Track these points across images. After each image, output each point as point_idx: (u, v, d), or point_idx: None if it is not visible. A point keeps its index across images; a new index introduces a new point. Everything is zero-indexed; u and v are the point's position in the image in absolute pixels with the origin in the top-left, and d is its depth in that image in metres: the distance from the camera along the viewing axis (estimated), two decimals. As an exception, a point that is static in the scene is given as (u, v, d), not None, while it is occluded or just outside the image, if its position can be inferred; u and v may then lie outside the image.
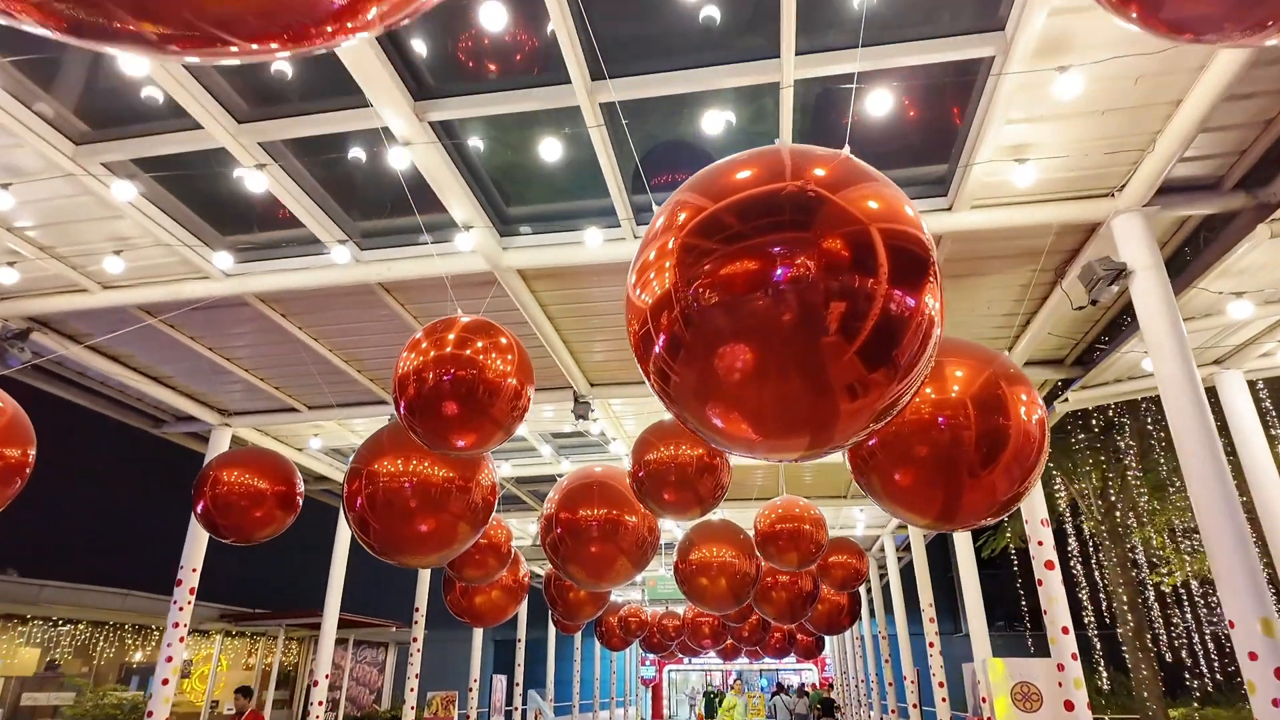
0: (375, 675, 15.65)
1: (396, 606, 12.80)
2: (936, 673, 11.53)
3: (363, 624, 12.36)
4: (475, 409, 4.47)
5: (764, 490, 12.75)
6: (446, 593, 10.02)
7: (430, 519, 5.80)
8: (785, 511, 8.42)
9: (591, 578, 7.07)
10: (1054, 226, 4.96)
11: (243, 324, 6.71)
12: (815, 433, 1.86)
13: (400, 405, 4.51)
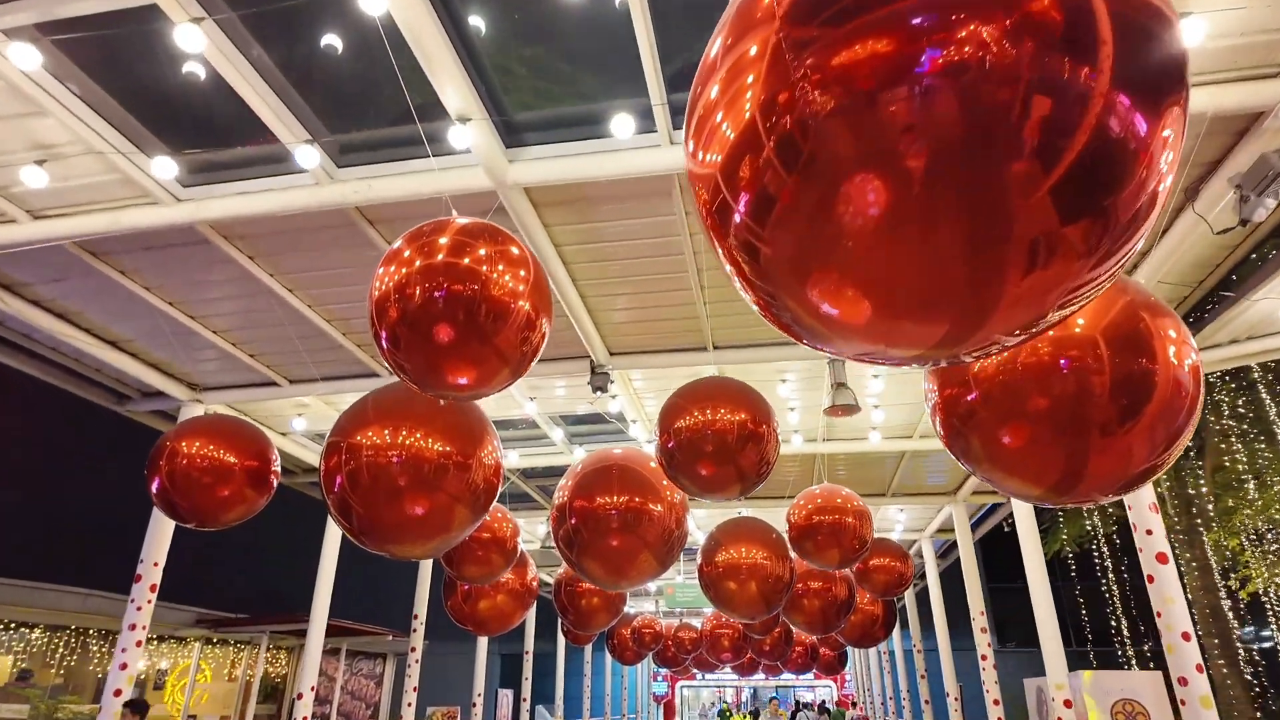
0: (372, 689, 14.58)
1: (394, 614, 11.76)
2: (991, 689, 10.35)
3: (356, 631, 11.31)
4: (475, 335, 3.46)
5: (796, 487, 11.63)
6: (447, 597, 8.98)
7: (423, 500, 4.80)
8: (825, 502, 7.37)
9: (611, 575, 6.02)
10: (1205, 119, 3.90)
11: (204, 270, 5.72)
12: (961, 318, 1.32)
13: (381, 335, 3.49)
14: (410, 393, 5.18)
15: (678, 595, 14.88)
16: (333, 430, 4.68)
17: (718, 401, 5.10)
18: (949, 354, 1.46)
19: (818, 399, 8.07)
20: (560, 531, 5.89)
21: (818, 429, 8.90)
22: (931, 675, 15.96)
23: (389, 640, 12.79)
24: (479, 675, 14.42)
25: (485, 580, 8.31)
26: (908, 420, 8.59)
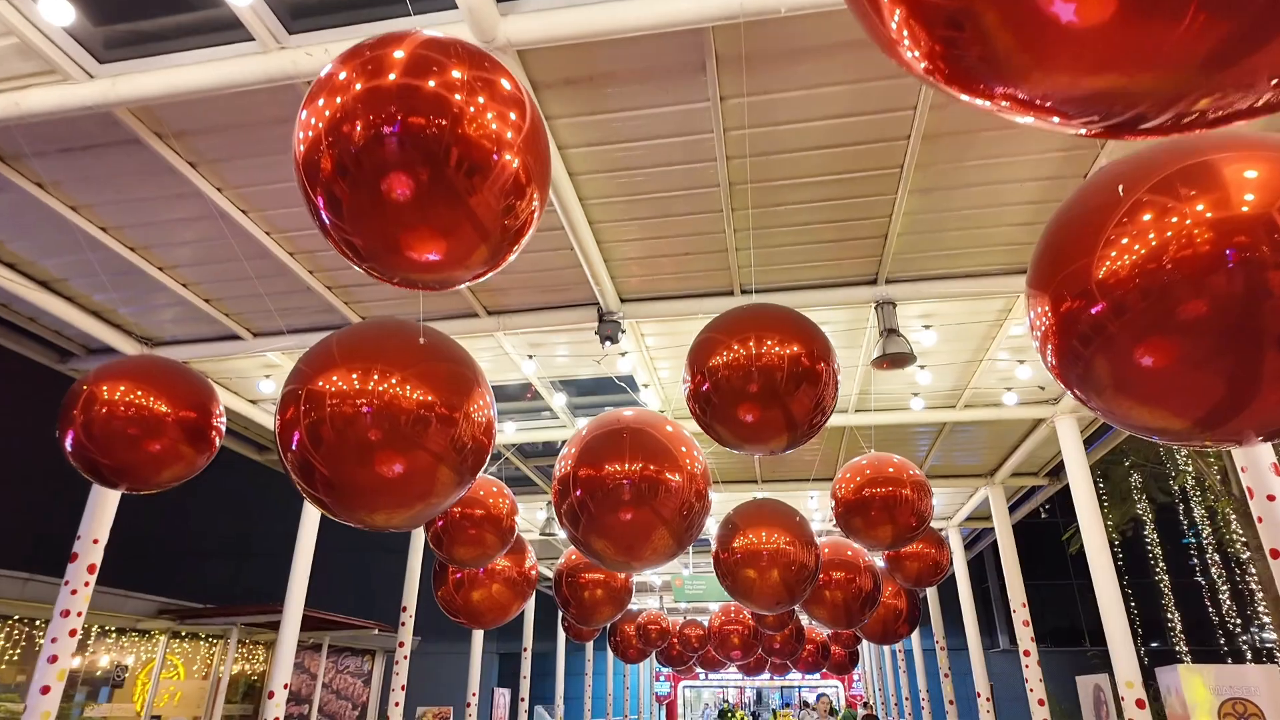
0: (359, 688, 13.64)
1: (383, 607, 10.82)
2: (1035, 688, 9.40)
3: (338, 624, 10.38)
4: (443, 189, 2.53)
5: (822, 470, 10.69)
6: (437, 587, 8.07)
7: (398, 458, 3.93)
8: (876, 472, 6.45)
9: (622, 554, 5.15)
10: None
11: (139, 183, 4.77)
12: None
13: (316, 202, 2.58)
14: (384, 330, 4.26)
15: (686, 588, 13.95)
16: (290, 377, 3.75)
17: (764, 332, 4.16)
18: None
19: (854, 359, 7.13)
20: (564, 506, 4.98)
21: (850, 397, 7.96)
22: (957, 675, 14.99)
23: (376, 635, 11.84)
24: (474, 673, 13.48)
25: (478, 563, 7.39)
26: (954, 384, 7.64)
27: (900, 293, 5.75)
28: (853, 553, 9.23)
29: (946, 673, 14.77)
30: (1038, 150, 4.51)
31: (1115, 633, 7.09)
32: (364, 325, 4.56)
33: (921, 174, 4.70)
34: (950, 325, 6.42)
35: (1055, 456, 10.11)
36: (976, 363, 7.15)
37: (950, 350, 6.92)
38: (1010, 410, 8.06)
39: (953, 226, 5.26)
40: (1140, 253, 2.62)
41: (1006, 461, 10.01)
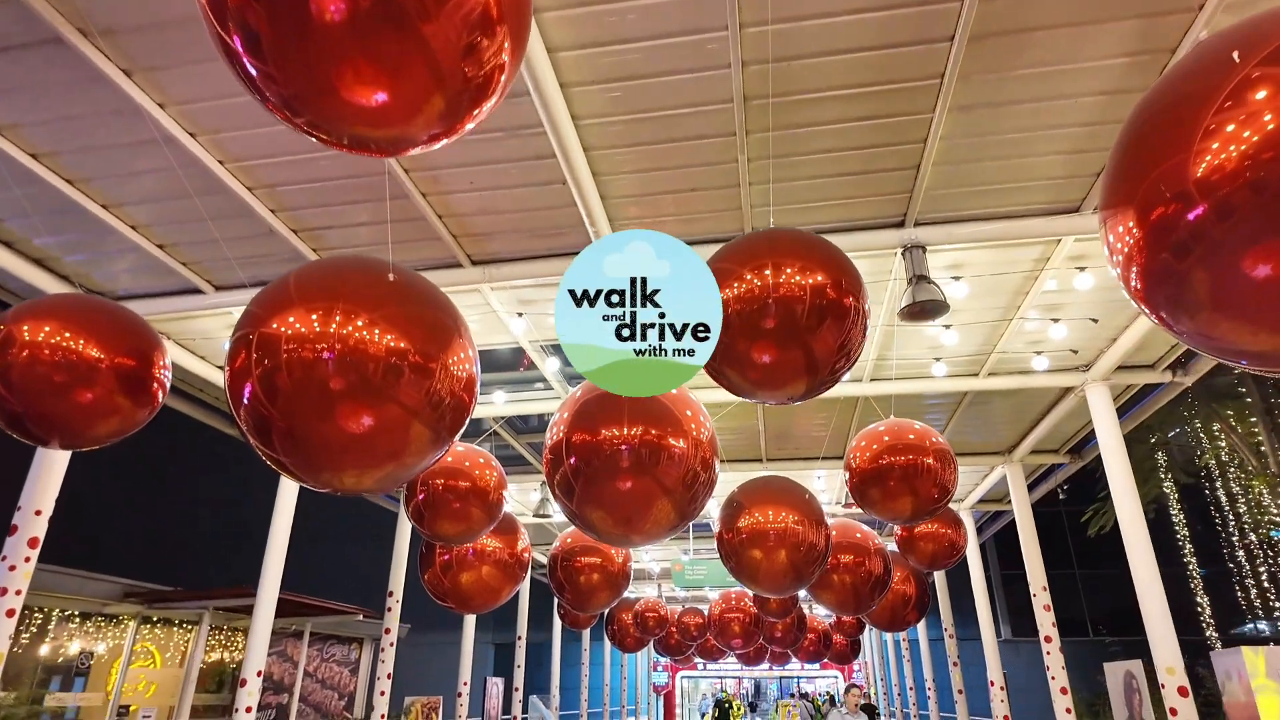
0: (346, 677, 13.10)
1: (372, 594, 10.26)
2: (1058, 675, 8.89)
3: (319, 609, 9.82)
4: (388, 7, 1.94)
5: (831, 448, 10.13)
6: (424, 569, 7.52)
7: (365, 411, 3.41)
8: (895, 439, 5.90)
9: (619, 526, 4.69)
10: None
11: (68, 96, 4.16)
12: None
13: (224, 26, 1.99)
14: (348, 266, 3.54)
15: (686, 573, 13.42)
16: (240, 321, 3.16)
17: (783, 259, 3.58)
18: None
19: (872, 318, 6.55)
20: (556, 476, 4.36)
21: (865, 363, 7.38)
22: (969, 663, 14.49)
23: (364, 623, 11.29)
24: (465, 662, 12.94)
25: (463, 540, 6.83)
26: (979, 347, 7.06)
27: (930, 236, 5.16)
28: (862, 535, 8.71)
29: (955, 661, 14.27)
30: (1100, 55, 3.92)
31: (1154, 616, 6.55)
32: (326, 261, 4.00)
33: (964, 87, 4.11)
34: (981, 278, 5.84)
35: (1078, 432, 9.57)
36: (1006, 322, 6.57)
37: (979, 307, 6.34)
38: (1037, 379, 7.49)
39: (992, 155, 4.67)
40: (1251, 141, 2.09)
41: (1027, 437, 9.46)
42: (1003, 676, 11.69)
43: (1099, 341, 6.91)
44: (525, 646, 15.53)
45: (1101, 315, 6.38)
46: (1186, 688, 6.27)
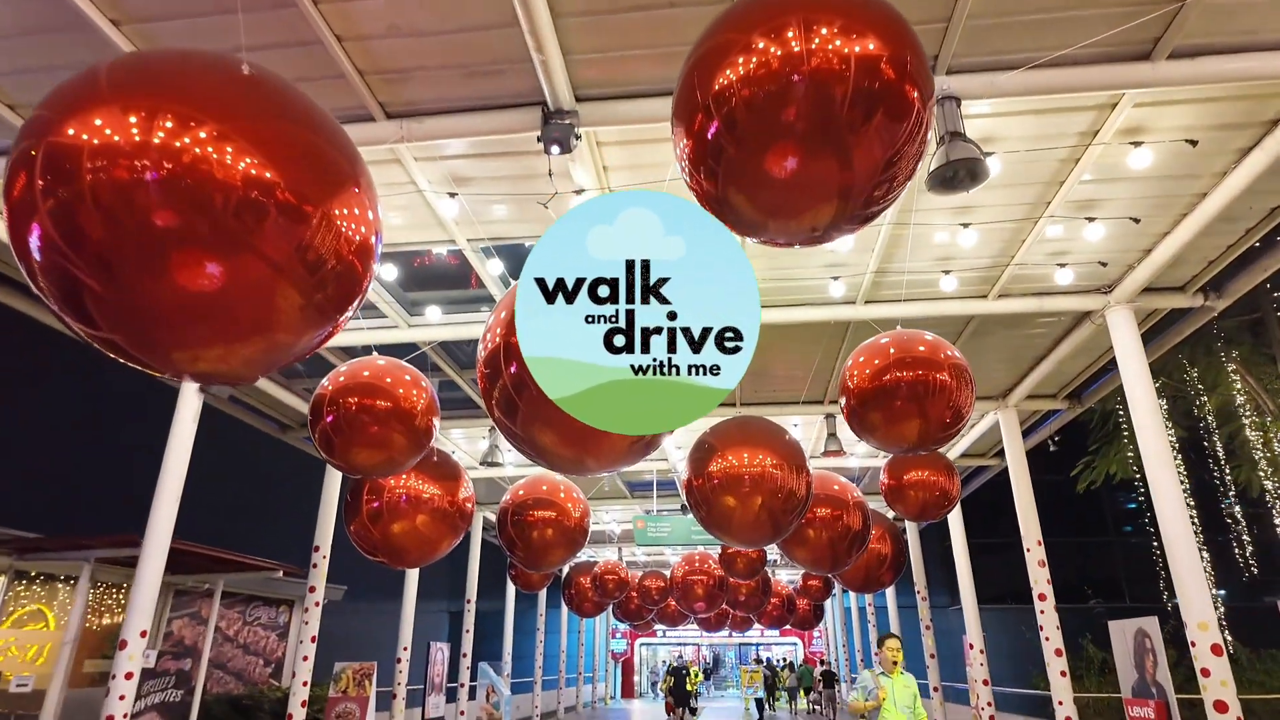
0: (274, 643, 11.93)
1: (308, 551, 9.06)
2: (1052, 636, 8.16)
3: (228, 563, 8.60)
4: None
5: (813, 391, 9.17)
6: (350, 520, 6.42)
7: (210, 260, 2.39)
8: (903, 352, 4.94)
9: (573, 448, 3.67)
10: None
11: None
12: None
13: None
14: (188, 60, 2.50)
15: (648, 531, 12.47)
16: (24, 129, 2.22)
17: (816, 17, 2.47)
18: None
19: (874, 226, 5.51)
20: (495, 391, 3.40)
21: (861, 278, 6.36)
22: (940, 629, 13.89)
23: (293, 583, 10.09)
24: (405, 626, 11.85)
25: (383, 472, 5.71)
26: (997, 256, 6.08)
27: (968, 87, 4.10)
28: (840, 487, 7.85)
29: (928, 625, 13.65)
30: None
31: (1184, 567, 5.72)
32: (156, 51, 2.87)
33: None
34: (1015, 156, 4.82)
35: (1080, 374, 8.75)
36: (1031, 223, 5.59)
37: (1006, 200, 5.34)
38: (1054, 301, 6.58)
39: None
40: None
41: (1026, 379, 8.60)
42: (982, 639, 11.02)
43: (1131, 253, 5.99)
44: (475, 612, 14.51)
45: (1145, 213, 5.44)
46: (1221, 645, 5.47)
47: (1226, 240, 5.84)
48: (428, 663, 12.59)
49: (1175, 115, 4.53)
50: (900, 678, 5.52)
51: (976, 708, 10.97)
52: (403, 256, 6.62)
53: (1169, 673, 6.31)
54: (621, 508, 16.22)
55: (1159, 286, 6.47)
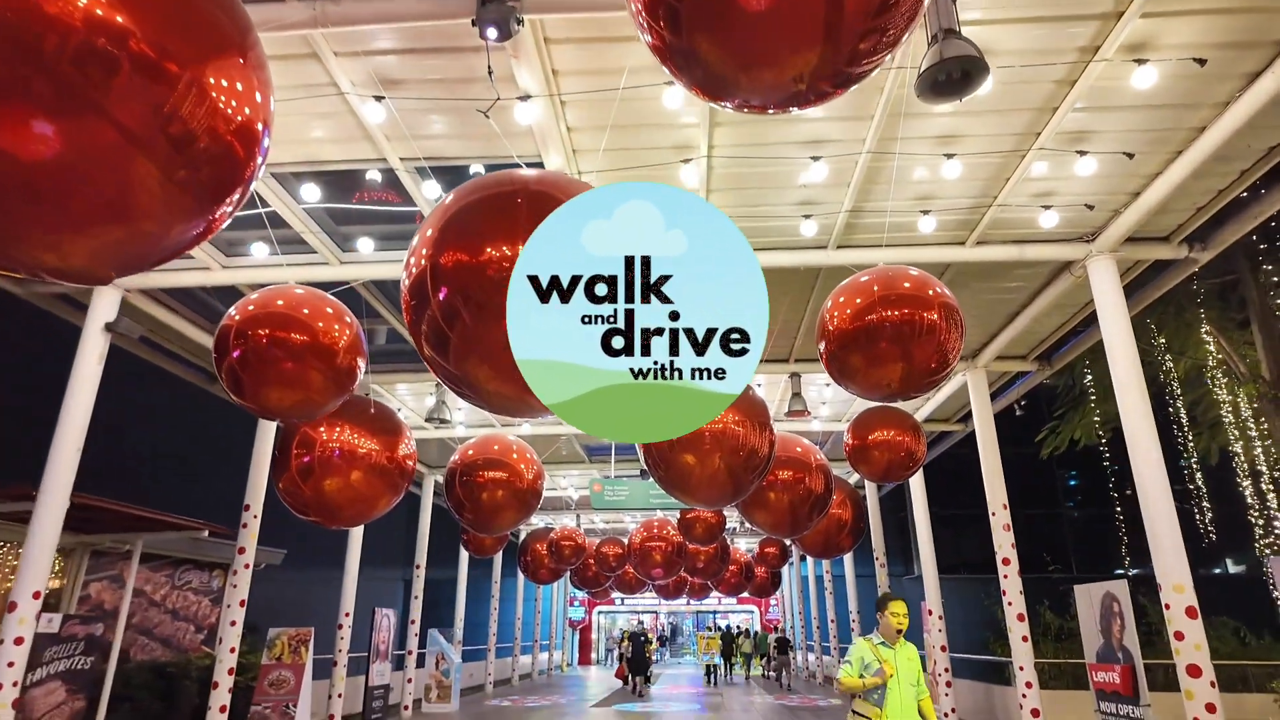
0: (207, 608, 11.27)
1: (232, 510, 8.41)
2: (1015, 601, 7.96)
3: (148, 520, 7.94)
4: None
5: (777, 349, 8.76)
6: (278, 474, 5.84)
7: (43, 117, 1.91)
8: (888, 288, 4.53)
9: (511, 385, 3.14)
10: None
11: None
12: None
13: None
14: None
15: (605, 494, 12.05)
16: None
17: None
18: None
19: (853, 145, 5.04)
20: (424, 322, 2.95)
21: (835, 218, 5.91)
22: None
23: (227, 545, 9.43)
24: (348, 590, 11.28)
25: (300, 414, 5.14)
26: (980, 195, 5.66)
27: (961, -21, 3.62)
28: (803, 449, 7.50)
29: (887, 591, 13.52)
30: None
31: (1160, 526, 5.46)
32: None
33: None
34: (1009, 72, 4.36)
35: (1051, 334, 8.47)
36: (1019, 156, 5.17)
37: (995, 125, 4.89)
38: (1034, 250, 6.21)
39: None
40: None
41: (997, 338, 8.29)
42: (940, 606, 10.89)
43: (1119, 197, 5.63)
44: (427, 579, 14.00)
45: (1139, 148, 5.05)
46: (1196, 608, 5.23)
47: (1218, 183, 5.50)
48: (372, 629, 12.06)
49: (1184, 28, 4.11)
50: (904, 648, 4.40)
51: (933, 673, 10.87)
52: (332, 182, 5.97)
53: (1136, 637, 6.11)
54: (579, 472, 15.78)
55: (1143, 236, 6.14)
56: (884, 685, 4.20)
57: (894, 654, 4.32)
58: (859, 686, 4.24)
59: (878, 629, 4.52)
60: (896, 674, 4.23)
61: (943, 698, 10.21)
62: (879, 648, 4.36)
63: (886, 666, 4.22)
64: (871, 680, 4.20)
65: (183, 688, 9.16)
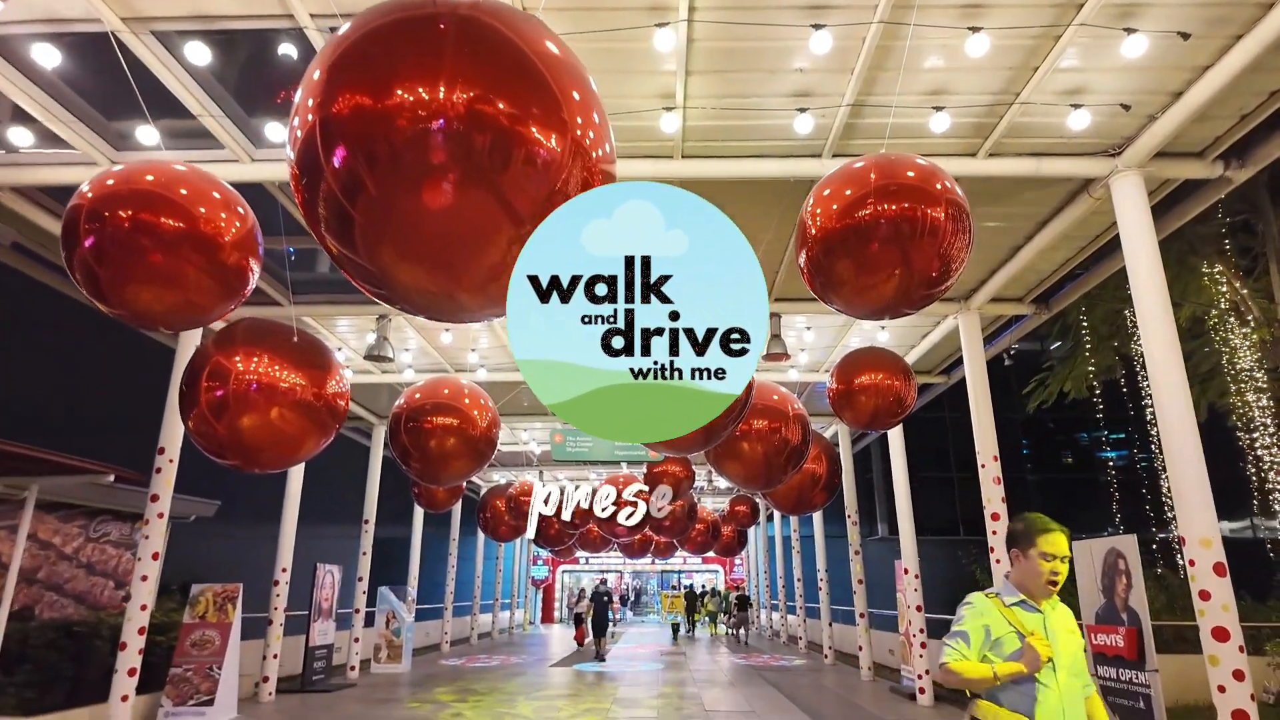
0: (128, 563, 10.32)
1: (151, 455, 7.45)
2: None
3: (42, 462, 6.96)
4: None
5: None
6: (187, 411, 4.90)
7: None
8: (886, 178, 3.71)
9: (438, 278, 2.41)
10: None
11: None
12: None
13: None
14: None
15: (567, 445, 11.28)
16: None
17: None
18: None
19: (868, 4, 4.19)
20: (317, 191, 2.22)
21: (833, 113, 5.07)
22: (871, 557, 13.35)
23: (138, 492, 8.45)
24: (285, 544, 10.42)
25: (178, 322, 4.24)
26: (1000, 93, 4.87)
27: None
28: (780, 397, 6.84)
29: (857, 550, 13.09)
30: None
31: (1186, 475, 4.84)
32: None
33: None
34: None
35: (1053, 273, 7.80)
36: (1053, 38, 4.37)
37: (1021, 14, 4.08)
38: (1053, 164, 5.47)
39: None
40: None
41: (994, 275, 7.60)
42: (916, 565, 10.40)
43: (1158, 98, 4.88)
44: (377, 534, 13.17)
45: (1198, 27, 4.28)
46: (1224, 564, 4.65)
47: (1274, 83, 4.78)
48: (314, 585, 11.23)
49: None
50: (1057, 611, 2.52)
51: (906, 633, 10.43)
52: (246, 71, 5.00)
53: (1144, 596, 5.55)
54: (541, 424, 14.98)
55: (1174, 151, 5.43)
56: (1031, 675, 2.36)
57: (1043, 621, 2.46)
58: (985, 678, 2.37)
59: (1008, 578, 2.60)
60: (1054, 654, 2.38)
61: (917, 659, 9.77)
62: (1016, 611, 2.46)
63: (1036, 643, 2.36)
64: (1008, 668, 2.35)
65: (94, 648, 8.26)
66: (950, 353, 10.24)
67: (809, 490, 8.76)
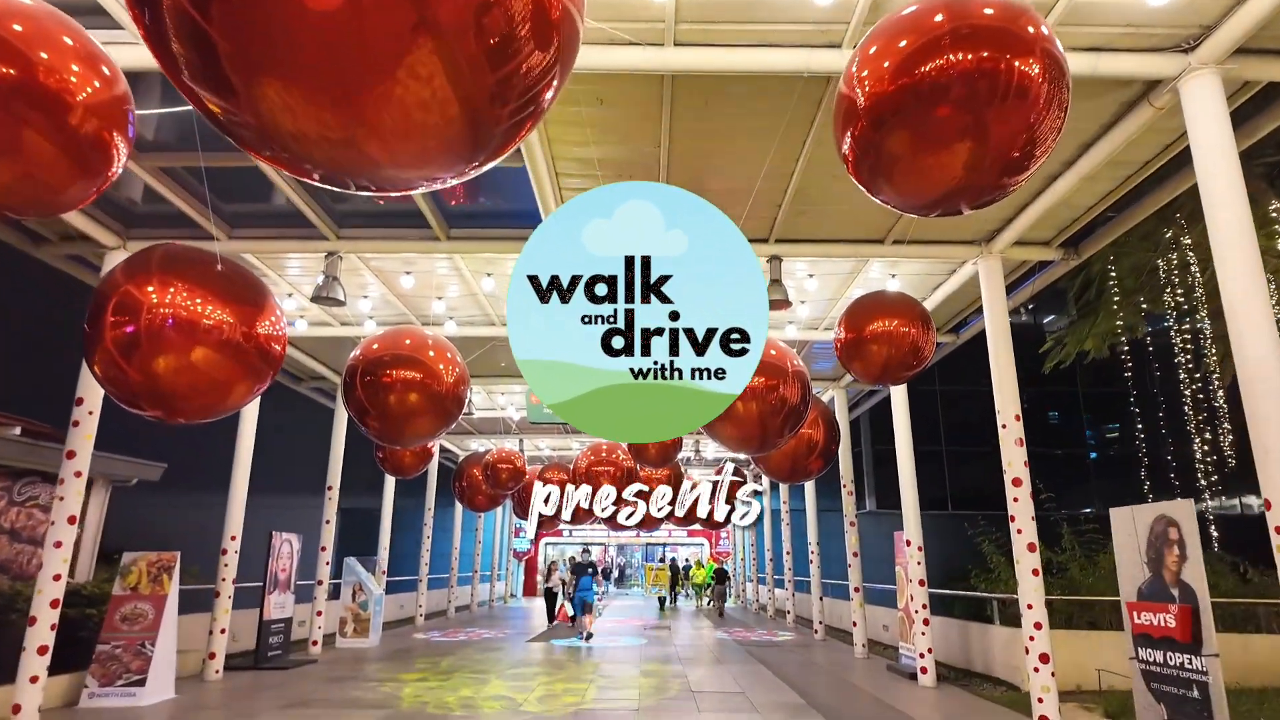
0: (62, 529, 9.40)
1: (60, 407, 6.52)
2: (1025, 529, 6.63)
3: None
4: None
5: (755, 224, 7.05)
6: (90, 351, 3.89)
7: None
8: (960, 21, 2.69)
9: (337, 119, 1.59)
10: None
11: None
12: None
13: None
14: None
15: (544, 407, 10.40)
16: None
17: None
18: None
19: None
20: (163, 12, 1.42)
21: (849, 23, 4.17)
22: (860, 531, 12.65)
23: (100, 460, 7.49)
24: (234, 510, 9.51)
25: (21, 205, 3.30)
26: None
27: None
28: (778, 352, 6.38)
29: (853, 521, 12.38)
30: None
31: (1270, 427, 4.05)
32: None
33: None
34: None
35: (1086, 213, 6.96)
36: None
37: None
38: (1113, 61, 4.60)
39: None
40: None
41: (1022, 214, 6.75)
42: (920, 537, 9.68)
43: (1256, -34, 4.01)
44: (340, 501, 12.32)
45: None
46: (1312, 529, 3.88)
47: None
48: (269, 556, 10.37)
49: None
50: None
51: (906, 609, 9.74)
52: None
53: (1204, 570, 4.79)
54: (521, 388, 14.12)
55: (1257, 48, 4.57)
56: None
57: None
58: None
59: None
60: None
61: (919, 636, 9.08)
62: None
63: None
64: None
65: (9, 622, 7.39)
66: (963, 307, 9.42)
67: (805, 457, 7.99)
